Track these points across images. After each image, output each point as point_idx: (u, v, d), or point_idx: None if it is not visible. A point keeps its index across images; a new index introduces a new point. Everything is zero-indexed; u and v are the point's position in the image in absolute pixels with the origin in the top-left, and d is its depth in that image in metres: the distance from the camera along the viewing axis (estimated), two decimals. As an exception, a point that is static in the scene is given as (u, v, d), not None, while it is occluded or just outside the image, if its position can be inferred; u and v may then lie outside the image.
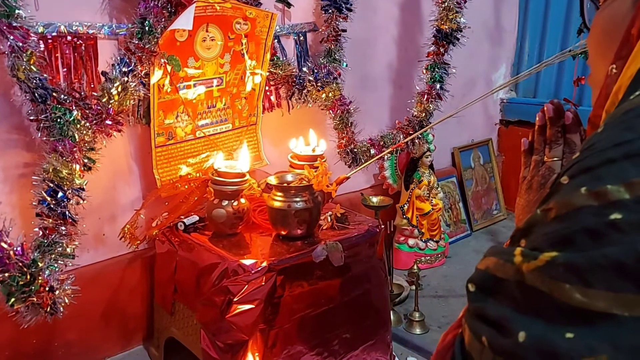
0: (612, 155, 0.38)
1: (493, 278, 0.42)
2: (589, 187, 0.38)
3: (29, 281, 1.26)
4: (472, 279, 0.44)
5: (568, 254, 0.37)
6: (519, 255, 0.40)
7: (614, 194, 0.36)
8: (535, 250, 0.39)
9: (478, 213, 2.92)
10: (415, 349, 1.86)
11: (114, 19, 1.58)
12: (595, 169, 0.39)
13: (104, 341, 1.77)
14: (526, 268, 0.39)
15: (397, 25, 2.42)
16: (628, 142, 0.38)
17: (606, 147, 0.39)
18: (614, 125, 0.41)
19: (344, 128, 2.06)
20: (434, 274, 2.40)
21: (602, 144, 0.40)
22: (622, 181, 0.36)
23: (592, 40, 0.61)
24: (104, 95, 1.45)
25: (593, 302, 0.35)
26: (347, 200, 2.31)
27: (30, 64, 1.31)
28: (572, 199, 0.38)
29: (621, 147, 0.38)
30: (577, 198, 0.38)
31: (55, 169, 1.36)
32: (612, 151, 0.39)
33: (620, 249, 0.35)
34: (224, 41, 1.74)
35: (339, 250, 1.52)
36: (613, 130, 0.41)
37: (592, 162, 0.40)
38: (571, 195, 0.39)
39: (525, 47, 3.02)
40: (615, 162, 0.38)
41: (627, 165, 0.37)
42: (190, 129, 1.75)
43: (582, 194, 0.38)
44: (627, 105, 0.42)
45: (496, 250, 0.44)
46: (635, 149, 0.38)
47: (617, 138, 0.39)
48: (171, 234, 1.63)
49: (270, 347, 1.43)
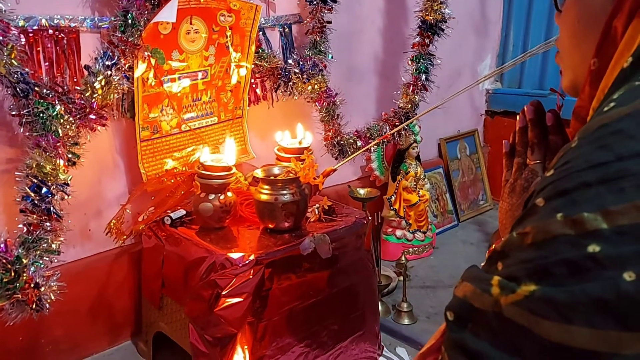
0: (587, 179, 0.38)
1: (470, 307, 0.41)
2: (565, 213, 0.37)
3: (14, 278, 1.24)
4: (451, 307, 0.44)
5: (547, 289, 0.36)
6: (497, 287, 0.39)
7: (591, 223, 0.36)
8: (513, 280, 0.38)
9: (465, 203, 2.94)
10: (403, 339, 1.87)
11: (96, 12, 1.56)
12: (571, 193, 0.38)
13: (92, 337, 1.76)
14: (504, 301, 0.38)
15: (383, 16, 2.42)
16: (604, 165, 0.38)
17: (581, 168, 0.39)
18: (589, 142, 0.40)
19: (330, 120, 2.06)
20: (421, 264, 2.41)
21: (577, 163, 0.39)
22: (599, 209, 0.36)
23: (565, 27, 0.60)
24: (87, 89, 1.43)
25: (574, 338, 0.34)
26: (335, 192, 2.31)
27: (11, 58, 1.29)
28: (548, 225, 0.38)
29: (597, 169, 0.38)
30: (554, 225, 0.37)
31: (38, 164, 1.34)
32: (588, 174, 0.38)
33: (600, 285, 0.34)
34: (208, 33, 1.72)
35: (327, 243, 1.52)
36: (588, 148, 0.40)
37: (568, 184, 0.39)
38: (547, 222, 0.38)
39: (510, 37, 3.03)
40: (591, 187, 0.37)
41: (603, 191, 0.36)
42: (176, 123, 1.74)
43: (558, 221, 0.37)
44: (602, 119, 0.41)
45: (473, 276, 0.43)
46: (611, 173, 0.37)
47: (592, 158, 0.39)
48: (158, 228, 1.62)
49: (259, 339, 1.43)
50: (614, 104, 0.42)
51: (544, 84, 2.87)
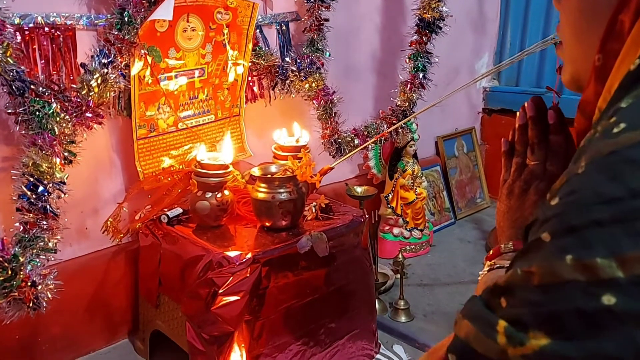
0: (599, 216, 0.34)
1: (473, 353, 0.39)
2: (575, 255, 0.34)
3: (10, 276, 1.24)
4: (452, 349, 0.41)
5: (559, 343, 0.34)
6: (503, 335, 0.36)
7: (605, 270, 0.33)
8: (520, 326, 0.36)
9: (462, 201, 2.94)
10: (400, 337, 1.87)
11: (93, 10, 1.56)
12: (580, 231, 0.35)
13: (89, 335, 1.76)
14: (512, 352, 0.36)
15: (380, 14, 2.42)
16: (617, 201, 0.34)
17: (591, 203, 0.35)
18: (598, 170, 0.37)
19: (328, 118, 2.05)
20: (418, 262, 2.41)
21: (586, 195, 0.36)
22: (613, 254, 0.33)
23: (565, 15, 0.57)
24: (83, 87, 1.42)
25: None
26: (332, 190, 2.31)
27: (6, 56, 1.28)
28: (557, 268, 0.35)
29: (609, 206, 0.34)
30: (563, 268, 0.34)
31: (34, 162, 1.33)
32: (599, 210, 0.35)
33: (617, 344, 0.32)
34: (205, 31, 1.72)
35: (324, 241, 1.52)
36: (597, 177, 0.36)
37: (577, 220, 0.35)
38: (556, 263, 0.35)
39: (507, 35, 3.03)
40: (604, 226, 0.34)
41: (617, 233, 0.33)
42: (173, 121, 1.74)
43: (568, 265, 0.34)
44: (612, 144, 0.37)
45: (475, 314, 0.40)
46: (626, 212, 0.34)
47: (603, 191, 0.35)
48: (155, 226, 1.62)
49: (256, 338, 1.43)
50: (624, 125, 0.37)
51: (541, 82, 2.87)
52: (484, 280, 0.70)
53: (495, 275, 0.68)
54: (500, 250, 0.71)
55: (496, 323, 0.37)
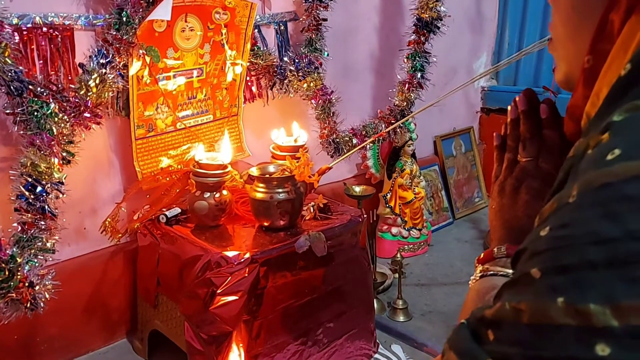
0: (592, 257, 0.32)
1: None
2: (567, 299, 0.32)
3: (8, 277, 1.24)
4: None
5: None
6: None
7: (598, 318, 0.31)
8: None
9: (460, 201, 2.94)
10: (398, 337, 1.87)
11: (91, 10, 1.56)
12: (572, 272, 0.33)
13: (87, 335, 1.76)
14: None
15: (379, 13, 2.42)
16: (612, 242, 0.32)
17: (584, 242, 0.33)
18: (591, 203, 0.34)
19: (326, 118, 2.05)
20: (416, 262, 2.42)
21: (579, 231, 0.34)
22: (608, 301, 0.31)
23: (558, 12, 0.54)
24: (81, 87, 1.42)
25: None
26: (330, 190, 2.31)
27: (4, 56, 1.28)
28: (548, 309, 0.33)
29: (603, 247, 0.32)
30: (554, 311, 0.33)
31: (33, 163, 1.33)
32: (593, 251, 0.33)
33: None
34: (203, 31, 1.72)
35: (322, 241, 1.52)
36: (590, 212, 0.34)
37: (568, 259, 0.33)
38: (547, 304, 0.33)
39: (505, 35, 3.04)
40: (598, 270, 0.32)
41: (612, 278, 0.32)
42: (171, 121, 1.74)
43: (559, 308, 0.33)
44: (606, 174, 0.34)
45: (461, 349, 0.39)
46: (621, 255, 0.32)
47: (597, 229, 0.33)
48: (153, 226, 1.62)
49: (254, 337, 1.43)
50: (619, 151, 0.35)
51: (538, 82, 2.88)
52: (476, 288, 0.68)
53: (489, 284, 0.66)
54: (493, 254, 0.68)
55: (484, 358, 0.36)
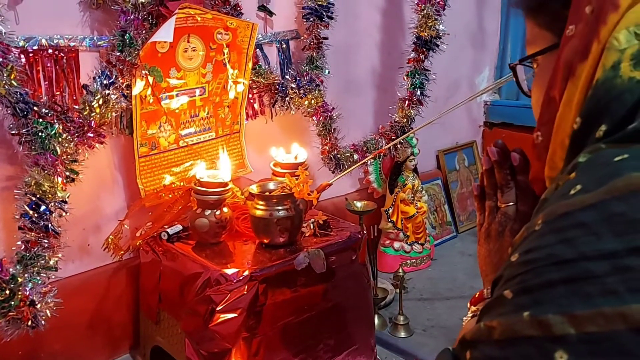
0: (551, 277, 0.37)
1: None
2: (531, 312, 0.37)
3: (9, 297, 1.26)
4: None
5: None
6: None
7: (557, 327, 0.35)
8: None
9: (463, 215, 2.95)
10: (399, 353, 1.88)
11: (95, 31, 1.59)
12: (535, 292, 0.38)
13: (91, 351, 1.78)
14: None
15: (379, 30, 2.45)
16: (567, 263, 0.37)
17: (545, 264, 0.38)
18: (552, 230, 0.40)
19: (327, 134, 2.08)
20: (419, 276, 2.42)
21: (540, 255, 0.39)
22: (565, 312, 0.35)
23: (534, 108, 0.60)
24: (85, 108, 1.46)
25: None
26: (332, 204, 2.33)
27: (11, 78, 1.32)
28: (515, 324, 0.37)
29: (560, 267, 0.37)
30: (520, 325, 0.37)
31: (37, 182, 1.36)
32: (552, 271, 0.37)
33: None
34: (205, 51, 1.75)
35: (321, 257, 1.54)
36: (550, 238, 0.39)
37: (532, 281, 0.39)
38: (514, 320, 0.38)
39: (507, 50, 3.05)
40: (556, 287, 0.37)
41: (568, 293, 0.36)
42: (174, 139, 1.77)
43: (525, 321, 0.37)
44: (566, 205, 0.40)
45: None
46: (574, 274, 0.36)
47: (555, 253, 0.38)
48: (155, 243, 1.64)
49: (253, 354, 1.45)
50: (580, 186, 0.40)
51: (541, 96, 2.89)
52: (466, 327, 0.71)
53: None
54: (484, 295, 0.73)
55: None
